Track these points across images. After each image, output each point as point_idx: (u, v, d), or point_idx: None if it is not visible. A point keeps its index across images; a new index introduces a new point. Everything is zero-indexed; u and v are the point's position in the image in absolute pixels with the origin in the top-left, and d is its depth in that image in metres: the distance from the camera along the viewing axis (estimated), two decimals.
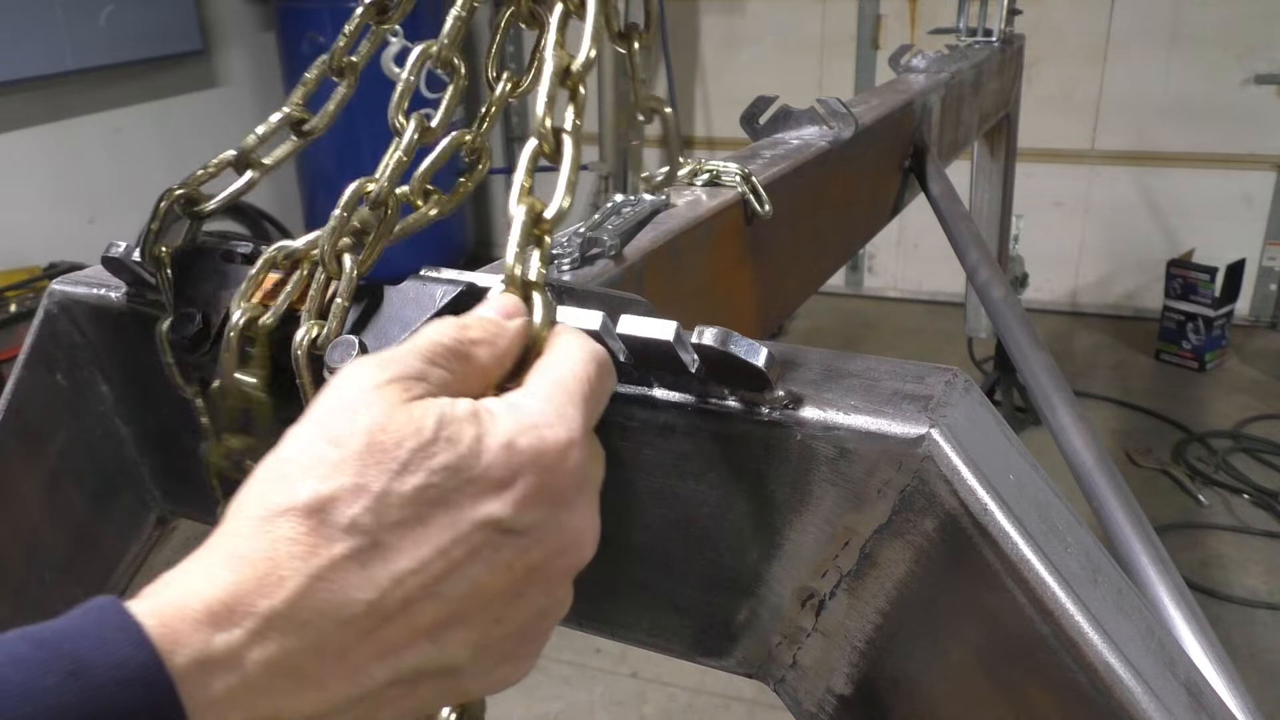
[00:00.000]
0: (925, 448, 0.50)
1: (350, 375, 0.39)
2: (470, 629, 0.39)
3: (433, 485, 0.37)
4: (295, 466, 0.37)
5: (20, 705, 0.29)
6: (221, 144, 0.64)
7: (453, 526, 0.37)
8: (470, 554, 0.38)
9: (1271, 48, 4.13)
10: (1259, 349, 4.24)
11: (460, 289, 0.55)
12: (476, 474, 0.38)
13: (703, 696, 2.43)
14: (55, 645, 0.31)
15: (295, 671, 0.34)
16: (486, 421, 0.39)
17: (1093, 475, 1.01)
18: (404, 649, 0.37)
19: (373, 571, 0.36)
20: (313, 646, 0.35)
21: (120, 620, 0.32)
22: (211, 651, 0.32)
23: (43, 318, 0.79)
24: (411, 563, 0.37)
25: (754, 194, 0.93)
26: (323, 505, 0.36)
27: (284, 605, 0.34)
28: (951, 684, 0.53)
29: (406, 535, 0.37)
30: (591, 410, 0.43)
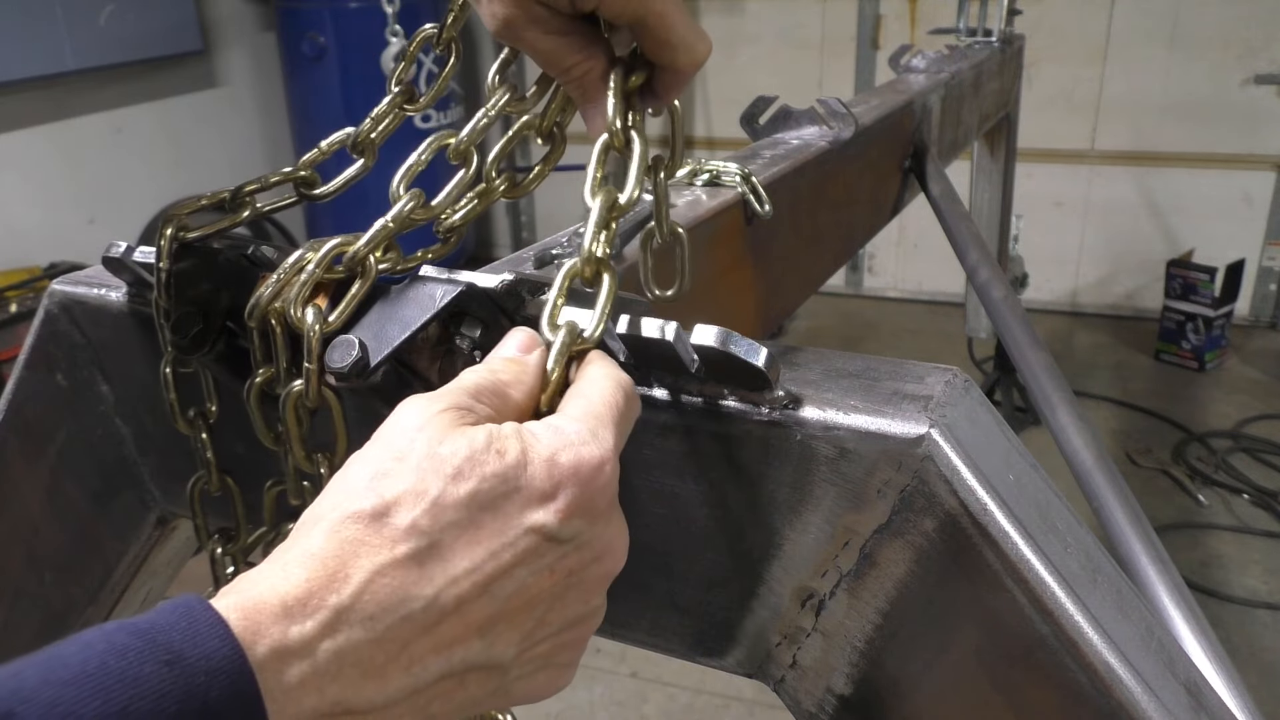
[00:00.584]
0: (925, 448, 0.50)
1: (408, 406, 0.44)
2: (516, 629, 0.42)
3: (483, 491, 0.41)
4: (362, 477, 0.41)
5: (124, 690, 0.32)
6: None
7: (501, 531, 0.41)
8: (518, 558, 0.42)
9: (1271, 48, 4.13)
10: (1259, 349, 4.24)
11: (460, 289, 0.55)
12: (523, 483, 0.42)
13: (703, 696, 2.43)
14: (151, 637, 0.33)
15: (361, 662, 0.37)
16: (530, 439, 0.43)
17: (1093, 475, 1.01)
18: (457, 644, 0.40)
19: (430, 569, 0.40)
20: (376, 638, 0.38)
21: (208, 616, 0.35)
22: (287, 642, 0.36)
23: (43, 318, 0.79)
24: (466, 562, 0.40)
25: (754, 194, 0.93)
26: (386, 509, 0.40)
27: (351, 600, 0.37)
28: (951, 684, 0.53)
29: (460, 537, 0.41)
30: (620, 433, 0.47)
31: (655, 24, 0.54)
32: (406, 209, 0.58)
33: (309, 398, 0.57)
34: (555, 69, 0.57)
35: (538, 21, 0.55)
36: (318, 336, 0.55)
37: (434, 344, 0.56)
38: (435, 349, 0.57)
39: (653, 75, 0.58)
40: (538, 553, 0.42)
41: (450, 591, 0.40)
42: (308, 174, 0.66)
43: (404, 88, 0.66)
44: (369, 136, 0.67)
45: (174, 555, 0.89)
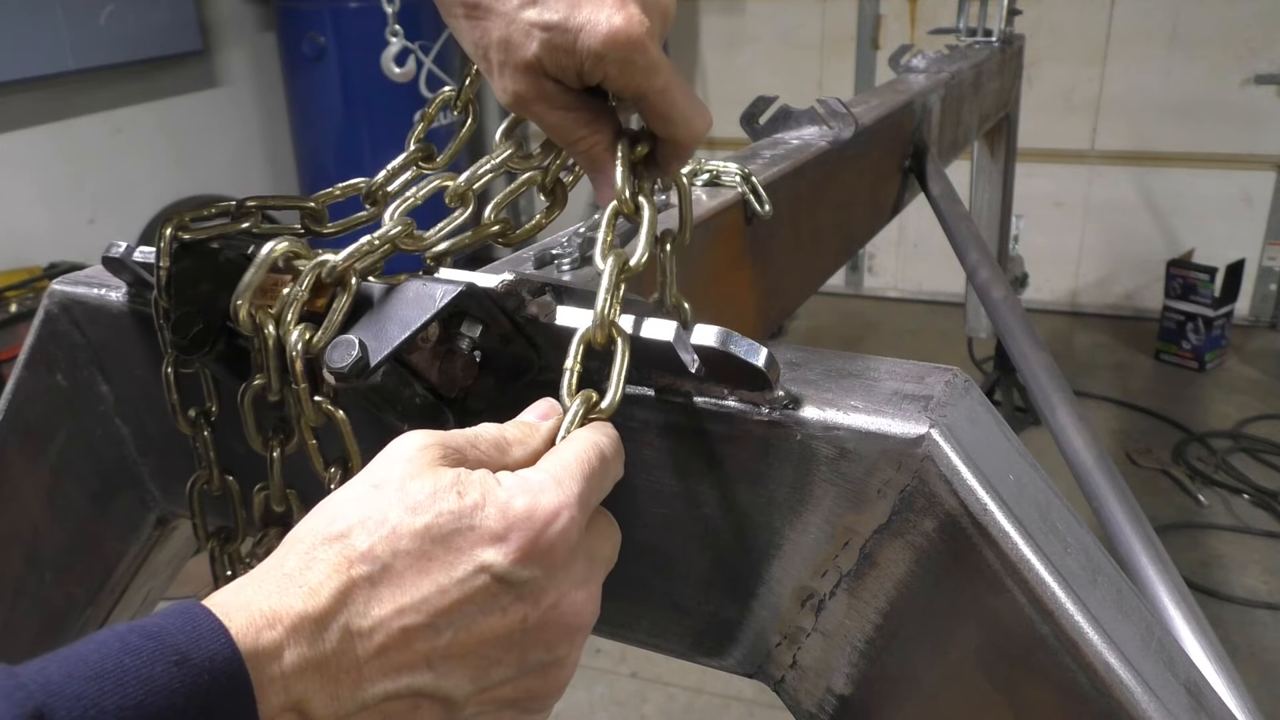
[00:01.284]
0: (925, 448, 0.50)
1: (406, 437, 0.48)
2: (467, 666, 0.44)
3: (436, 525, 0.44)
4: (342, 500, 0.45)
5: (140, 686, 0.36)
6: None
7: (451, 566, 0.44)
8: (467, 596, 0.44)
9: (1271, 48, 4.12)
10: (1259, 349, 4.24)
11: (460, 289, 0.55)
12: (476, 523, 0.44)
13: (703, 696, 2.43)
14: (161, 639, 0.37)
15: (319, 669, 0.41)
16: (492, 485, 0.46)
17: (1093, 475, 1.01)
18: (405, 670, 0.43)
19: (380, 593, 0.43)
20: (331, 651, 0.41)
21: (209, 622, 0.39)
22: (261, 646, 0.39)
23: (43, 318, 0.79)
24: (416, 591, 0.43)
25: (754, 194, 0.93)
26: (349, 532, 0.44)
27: (314, 613, 0.41)
28: (951, 684, 0.53)
29: (411, 566, 0.43)
30: (590, 488, 0.48)
31: (657, 99, 0.57)
32: (393, 232, 0.58)
33: (307, 415, 0.59)
34: (564, 141, 0.60)
35: (548, 96, 0.57)
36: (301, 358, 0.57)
37: (434, 344, 0.56)
38: (435, 349, 0.57)
39: (656, 146, 0.60)
40: (488, 593, 0.44)
41: (398, 620, 0.43)
42: (317, 206, 0.66)
43: (421, 146, 0.66)
44: (384, 189, 0.67)
45: (174, 555, 0.89)
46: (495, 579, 0.44)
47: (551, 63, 0.55)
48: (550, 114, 0.57)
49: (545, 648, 0.47)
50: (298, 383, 0.58)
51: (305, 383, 0.58)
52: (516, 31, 0.54)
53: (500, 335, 0.58)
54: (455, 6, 0.56)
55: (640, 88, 0.56)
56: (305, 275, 0.57)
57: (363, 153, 4.33)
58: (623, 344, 0.53)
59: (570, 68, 0.55)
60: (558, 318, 0.57)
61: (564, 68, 0.55)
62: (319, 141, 4.39)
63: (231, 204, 0.64)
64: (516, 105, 0.58)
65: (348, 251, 0.57)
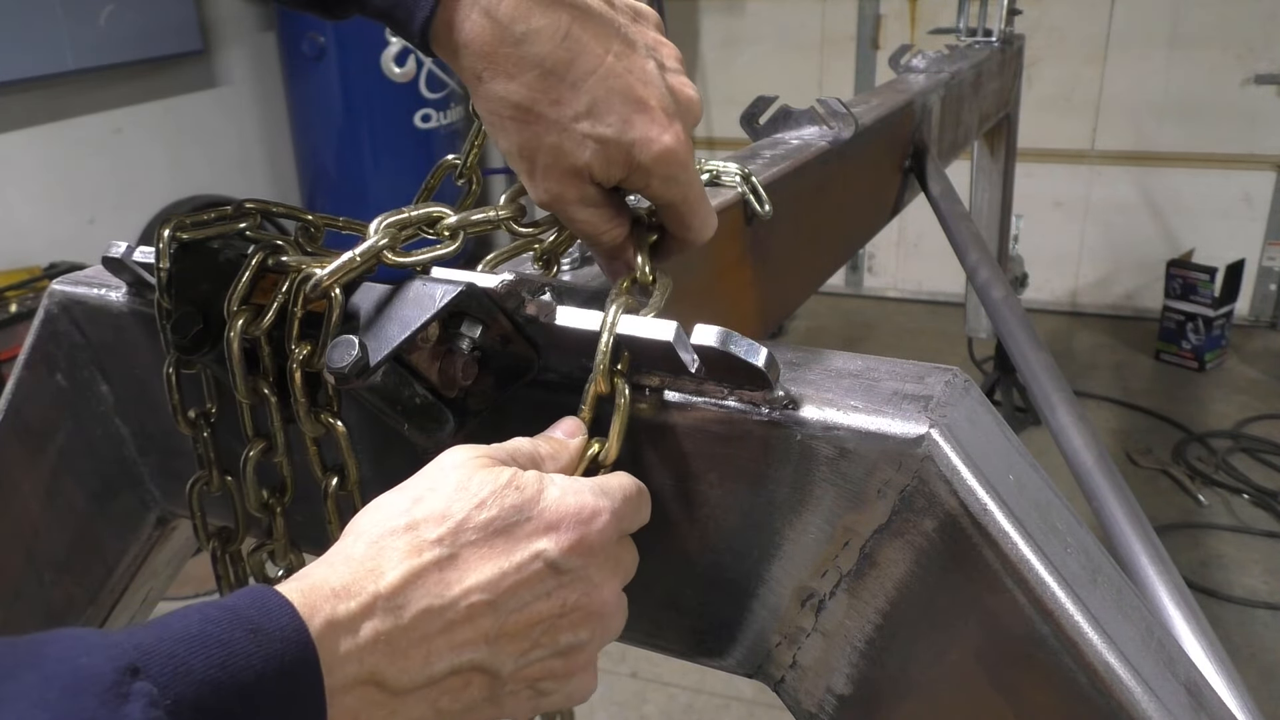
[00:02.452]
0: (925, 448, 0.50)
1: (452, 451, 0.52)
2: (516, 644, 0.49)
3: (499, 518, 0.49)
4: (400, 502, 0.49)
5: (221, 650, 0.39)
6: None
7: (511, 553, 0.48)
8: (524, 581, 0.48)
9: (1271, 48, 4.12)
10: (1259, 349, 4.24)
11: (460, 289, 0.55)
12: (533, 514, 0.49)
13: (703, 696, 2.43)
14: (235, 612, 0.41)
15: (391, 643, 0.45)
16: (547, 483, 0.51)
17: (1093, 475, 1.01)
18: (467, 646, 0.47)
19: (448, 576, 0.47)
20: (404, 626, 0.45)
21: (277, 599, 0.42)
22: (336, 618, 0.43)
23: (43, 318, 0.79)
24: (481, 576, 0.47)
25: (754, 194, 0.93)
26: (416, 524, 0.48)
27: (386, 591, 0.45)
28: (951, 684, 0.53)
29: (477, 553, 0.48)
30: (626, 508, 0.53)
31: (683, 208, 0.62)
32: (380, 244, 0.58)
33: (307, 427, 0.60)
34: (590, 234, 0.62)
35: (585, 198, 0.60)
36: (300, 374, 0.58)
37: (434, 344, 0.56)
38: (435, 349, 0.57)
39: (663, 238, 0.65)
40: (541, 578, 0.49)
41: (465, 600, 0.47)
42: (314, 221, 0.66)
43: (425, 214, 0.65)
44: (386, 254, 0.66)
45: (174, 555, 0.89)
46: (548, 566, 0.49)
47: (600, 171, 0.58)
48: (582, 211, 0.60)
49: (573, 631, 0.51)
50: (297, 397, 0.59)
51: (304, 398, 0.59)
52: (569, 140, 0.57)
53: (500, 335, 0.58)
54: (506, 109, 0.57)
55: (676, 197, 0.61)
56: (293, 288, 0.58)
57: (363, 153, 4.33)
58: (623, 398, 0.55)
59: (615, 177, 0.59)
60: (558, 318, 0.57)
61: (608, 176, 0.59)
62: (319, 141, 4.39)
63: (229, 208, 0.65)
64: (555, 204, 0.60)
65: (331, 268, 0.56)
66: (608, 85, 0.56)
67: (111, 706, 0.35)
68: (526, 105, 0.56)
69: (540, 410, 0.58)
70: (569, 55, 0.55)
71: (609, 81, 0.56)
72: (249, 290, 0.60)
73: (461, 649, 0.47)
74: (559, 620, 0.50)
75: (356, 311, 0.57)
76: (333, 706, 0.42)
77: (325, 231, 0.67)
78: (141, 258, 0.68)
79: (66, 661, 0.37)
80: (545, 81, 0.56)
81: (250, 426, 0.64)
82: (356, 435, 0.63)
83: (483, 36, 0.55)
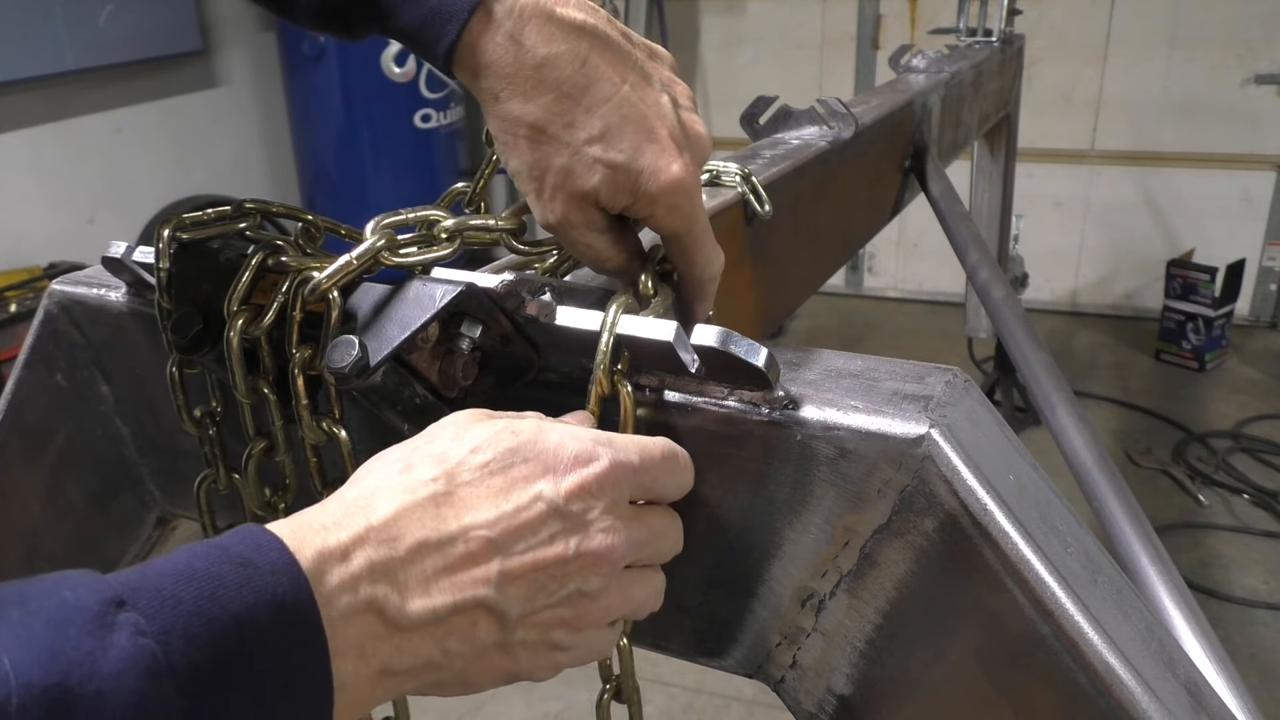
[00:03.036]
0: (925, 448, 0.50)
1: (449, 416, 0.52)
2: (521, 587, 0.48)
3: (497, 459, 0.49)
4: (399, 450, 0.50)
5: (211, 582, 0.39)
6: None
7: (510, 493, 0.48)
8: (526, 523, 0.48)
9: (1271, 48, 4.12)
10: (1259, 349, 4.24)
11: (460, 289, 0.55)
12: (531, 456, 0.49)
13: (703, 696, 2.43)
14: (224, 549, 0.41)
15: (388, 574, 0.44)
16: (545, 428, 0.51)
17: (1093, 475, 1.01)
18: (469, 585, 0.46)
19: (444, 512, 0.47)
20: (400, 557, 0.45)
21: (266, 536, 0.42)
22: (327, 548, 0.43)
23: (43, 318, 0.79)
24: (479, 516, 0.47)
25: (754, 194, 0.93)
26: (410, 465, 0.48)
27: (379, 523, 0.45)
28: (951, 684, 0.53)
29: (474, 493, 0.48)
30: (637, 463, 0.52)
31: (687, 241, 0.62)
32: (378, 244, 0.58)
33: (306, 433, 0.60)
34: (594, 259, 0.63)
35: (591, 222, 0.60)
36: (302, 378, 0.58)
37: (434, 344, 0.56)
38: (435, 349, 0.57)
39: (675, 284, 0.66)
40: (544, 520, 0.48)
41: (465, 536, 0.46)
42: (315, 221, 0.66)
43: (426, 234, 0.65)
44: None
45: None
46: (550, 507, 0.48)
47: (607, 196, 0.59)
48: (586, 235, 0.61)
49: (584, 577, 0.50)
50: (299, 400, 0.59)
51: (306, 399, 0.59)
52: (579, 163, 0.58)
53: (500, 335, 0.58)
54: (520, 128, 0.58)
55: (681, 227, 0.61)
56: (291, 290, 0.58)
57: (363, 153, 4.33)
58: (628, 398, 0.55)
59: (622, 203, 0.59)
60: (558, 318, 0.57)
61: (615, 202, 0.59)
62: (319, 141, 4.39)
63: (229, 208, 0.65)
64: (560, 227, 0.61)
65: (329, 271, 0.57)
66: (621, 113, 0.58)
67: (97, 636, 0.35)
68: (541, 126, 0.57)
69: (540, 410, 0.58)
70: (586, 81, 0.57)
71: (623, 109, 0.58)
72: (249, 290, 0.60)
73: (464, 586, 0.46)
74: (565, 565, 0.49)
75: (356, 311, 0.57)
76: (334, 637, 0.42)
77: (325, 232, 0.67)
78: (141, 258, 0.68)
79: (51, 596, 0.37)
80: (561, 104, 0.57)
81: (251, 426, 0.64)
82: (356, 438, 0.63)
83: (505, 59, 0.56)
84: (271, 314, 0.59)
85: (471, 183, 0.70)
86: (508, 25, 0.56)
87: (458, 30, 0.56)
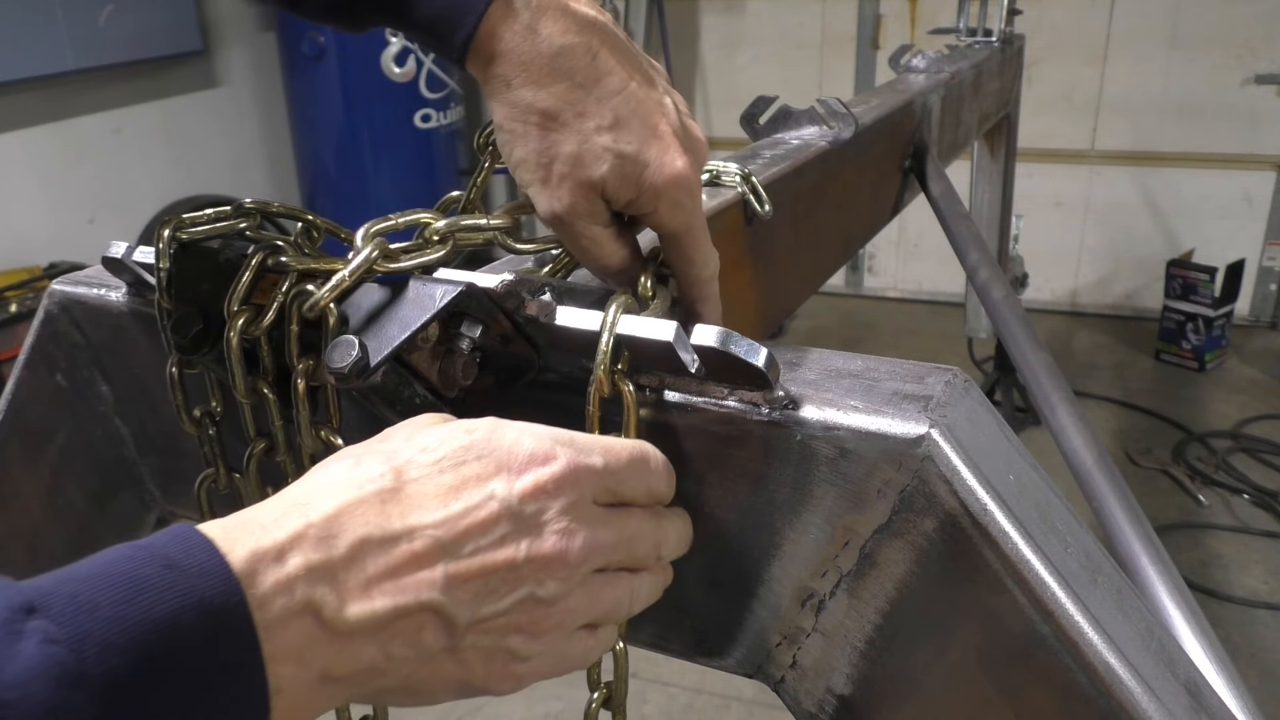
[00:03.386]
0: (925, 448, 0.50)
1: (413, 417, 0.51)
2: (469, 591, 0.46)
3: (448, 458, 0.47)
4: (350, 449, 0.49)
5: (133, 586, 0.37)
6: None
7: (460, 492, 0.46)
8: (477, 524, 0.46)
9: (1271, 48, 4.12)
10: (1259, 349, 4.24)
11: (460, 289, 0.55)
12: (485, 454, 0.47)
13: (703, 696, 2.43)
14: (150, 550, 0.39)
15: (326, 575, 0.42)
16: (502, 427, 0.49)
17: (1093, 475, 1.01)
18: (415, 587, 0.44)
19: (390, 510, 0.45)
20: (339, 557, 0.43)
21: (195, 535, 0.41)
22: (261, 548, 0.41)
23: (43, 318, 0.79)
24: (426, 515, 0.45)
25: (754, 194, 0.93)
26: (358, 459, 0.47)
27: (319, 520, 0.43)
28: (951, 684, 0.53)
29: (421, 490, 0.46)
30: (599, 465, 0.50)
31: (685, 239, 0.62)
32: (373, 255, 0.58)
33: (306, 442, 0.60)
34: (592, 257, 0.63)
35: (595, 214, 0.60)
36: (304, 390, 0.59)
37: (434, 344, 0.56)
38: (435, 349, 0.57)
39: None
40: (495, 522, 0.46)
41: (410, 536, 0.44)
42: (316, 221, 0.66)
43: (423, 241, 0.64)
44: None
45: None
46: (503, 508, 0.46)
47: (614, 187, 0.59)
48: (590, 229, 0.61)
49: (538, 580, 0.47)
50: (300, 409, 0.59)
51: (306, 409, 0.59)
52: (589, 151, 0.58)
53: (500, 335, 0.58)
54: (532, 115, 0.58)
55: (680, 225, 0.61)
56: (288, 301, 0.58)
57: (363, 153, 4.33)
58: (631, 397, 0.55)
59: (626, 195, 0.59)
60: (558, 318, 0.57)
61: (620, 194, 0.59)
62: (319, 141, 4.39)
63: (229, 208, 0.65)
64: (566, 215, 0.60)
65: (327, 287, 0.57)
66: (630, 107, 0.59)
67: (4, 644, 0.34)
68: (553, 113, 0.58)
69: (540, 410, 0.58)
70: (597, 73, 0.58)
71: (631, 104, 0.59)
72: (249, 290, 0.60)
73: (409, 589, 0.44)
74: (517, 569, 0.47)
75: (357, 311, 0.57)
76: (270, 641, 0.40)
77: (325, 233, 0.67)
78: (141, 258, 0.68)
79: None
80: (574, 93, 0.58)
81: (252, 426, 0.65)
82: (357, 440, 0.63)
83: (521, 47, 0.57)
84: (271, 314, 0.59)
85: (466, 189, 0.70)
86: (525, 16, 0.56)
87: (477, 20, 0.56)
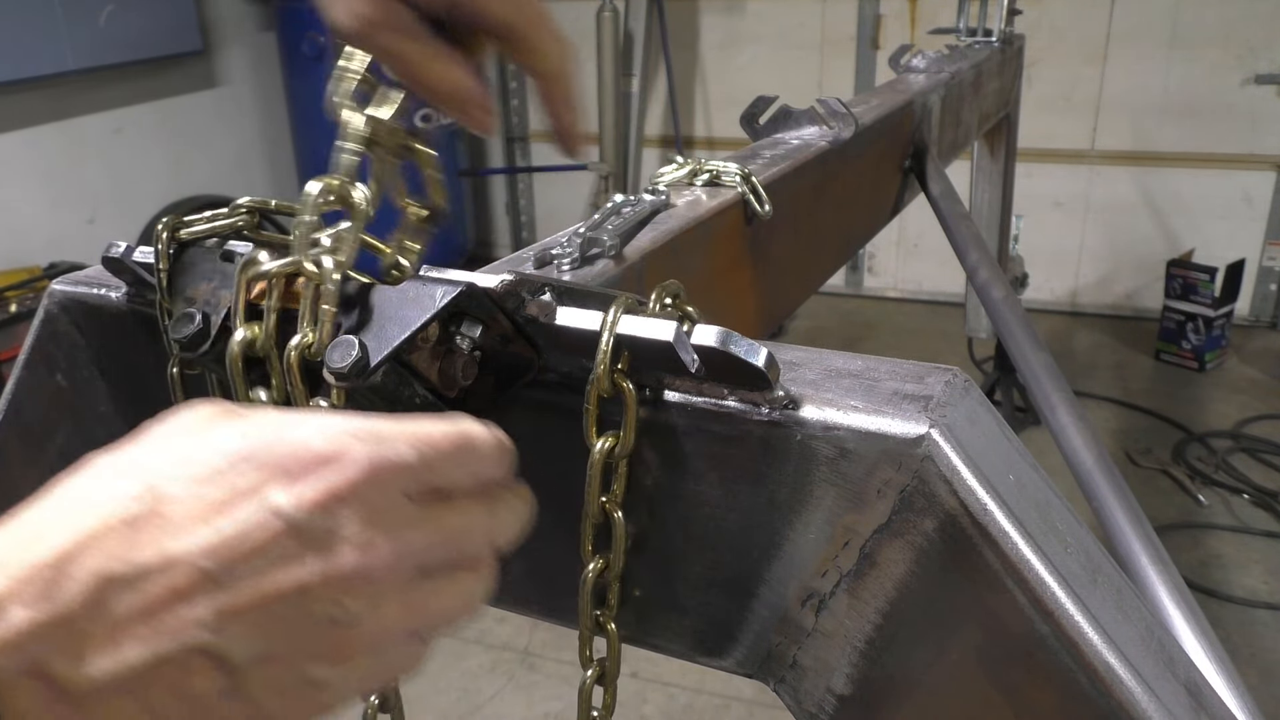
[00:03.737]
0: (925, 448, 0.50)
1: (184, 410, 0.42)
2: (252, 623, 0.37)
3: (218, 468, 0.38)
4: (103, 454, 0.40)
5: None
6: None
7: (230, 509, 0.37)
8: (255, 547, 0.37)
9: (1271, 48, 4.13)
10: (1259, 349, 4.24)
11: (460, 289, 0.55)
12: (265, 460, 0.39)
13: (703, 696, 2.43)
14: None
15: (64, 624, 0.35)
16: (290, 423, 0.40)
17: (1093, 475, 1.01)
18: (178, 629, 0.36)
19: (141, 539, 0.37)
20: (77, 605, 0.35)
21: None
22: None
23: (43, 318, 0.79)
24: (189, 541, 0.37)
25: (754, 194, 0.93)
26: (103, 473, 0.39)
27: (52, 558, 0.35)
28: (951, 684, 0.53)
29: (182, 509, 0.37)
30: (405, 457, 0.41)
31: (523, 30, 0.54)
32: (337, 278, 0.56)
33: None
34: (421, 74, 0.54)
35: (401, 25, 0.51)
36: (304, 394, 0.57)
37: (434, 344, 0.56)
38: (435, 349, 0.57)
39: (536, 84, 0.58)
40: (277, 540, 0.38)
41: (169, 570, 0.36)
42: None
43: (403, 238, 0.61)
44: None
45: None
46: (285, 524, 0.38)
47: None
48: (401, 43, 0.51)
49: (333, 603, 0.39)
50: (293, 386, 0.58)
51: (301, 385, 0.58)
52: None
53: (500, 335, 0.58)
54: None
55: (509, 18, 0.53)
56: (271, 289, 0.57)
57: None
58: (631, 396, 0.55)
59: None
60: (558, 318, 0.57)
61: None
62: (319, 141, 4.39)
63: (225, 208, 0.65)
64: (363, 30, 0.51)
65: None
66: None
67: None
68: None
69: (540, 410, 0.58)
70: None
71: None
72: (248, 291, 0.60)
73: (169, 632, 0.36)
74: (307, 594, 0.38)
75: (356, 311, 0.57)
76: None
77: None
78: (141, 258, 0.68)
79: None
80: None
81: None
82: None
83: None
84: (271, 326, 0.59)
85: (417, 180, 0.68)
86: None
87: None
